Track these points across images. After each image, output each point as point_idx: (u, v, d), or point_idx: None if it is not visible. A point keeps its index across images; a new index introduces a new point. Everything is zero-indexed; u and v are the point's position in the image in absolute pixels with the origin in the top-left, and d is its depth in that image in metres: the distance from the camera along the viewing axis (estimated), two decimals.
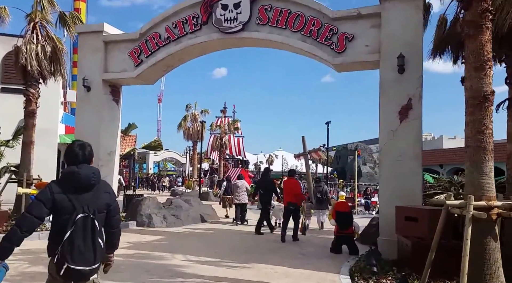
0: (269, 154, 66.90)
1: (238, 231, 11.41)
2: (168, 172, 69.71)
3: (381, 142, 8.25)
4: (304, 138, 20.43)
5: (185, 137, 34.77)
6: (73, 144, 3.00)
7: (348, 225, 8.33)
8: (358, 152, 42.04)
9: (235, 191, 13.11)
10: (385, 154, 8.17)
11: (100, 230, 2.86)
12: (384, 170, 8.15)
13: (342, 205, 8.64)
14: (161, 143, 13.80)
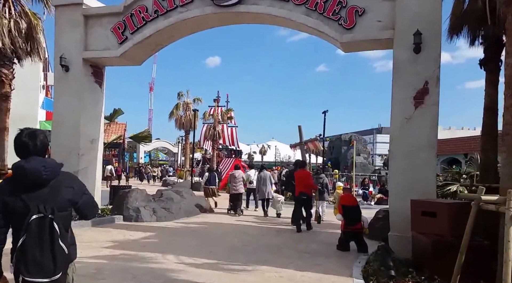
0: (262, 144, 66.12)
1: (234, 225, 10.56)
2: (160, 162, 68.73)
3: (393, 130, 7.44)
4: (301, 128, 19.66)
5: (177, 126, 33.60)
6: (21, 133, 2.54)
7: (356, 220, 7.53)
8: (352, 142, 41.60)
9: (232, 181, 12.86)
10: (397, 143, 7.37)
11: (62, 232, 2.41)
12: (396, 160, 7.35)
13: (349, 198, 7.81)
14: (150, 134, 12.83)
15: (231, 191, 13.02)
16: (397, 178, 7.30)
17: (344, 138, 41.94)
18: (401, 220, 7.09)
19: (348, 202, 7.67)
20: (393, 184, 7.37)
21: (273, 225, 10.76)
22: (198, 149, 50.82)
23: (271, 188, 12.90)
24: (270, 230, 9.82)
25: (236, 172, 13.07)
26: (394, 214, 7.31)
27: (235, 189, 12.77)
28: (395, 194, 7.33)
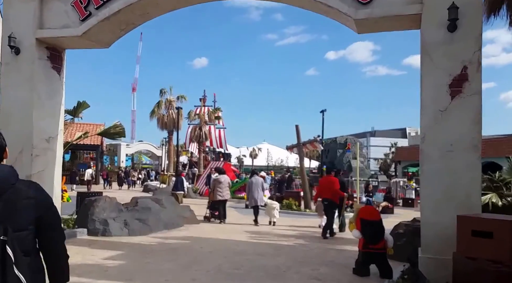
0: (252, 147, 64.54)
1: (223, 240, 8.85)
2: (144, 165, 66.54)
3: (425, 126, 5.89)
4: (298, 128, 18.01)
5: (159, 126, 31.65)
6: None
7: (378, 238, 5.92)
8: (348, 145, 40.24)
9: (217, 186, 11.91)
10: (431, 142, 5.82)
11: (19, 258, 1.90)
12: (430, 163, 5.78)
13: (370, 211, 6.19)
14: (122, 128, 11.02)
15: (215, 197, 11.89)
16: (431, 186, 5.72)
17: (339, 141, 40.65)
18: (437, 239, 5.61)
19: (369, 215, 6.04)
20: (426, 194, 5.78)
21: (270, 239, 9.07)
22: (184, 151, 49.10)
23: (263, 194, 12.06)
24: (268, 246, 8.13)
25: (222, 176, 12.13)
26: (427, 231, 5.75)
27: (220, 195, 11.79)
28: (428, 206, 5.75)
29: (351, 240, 9.08)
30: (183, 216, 11.59)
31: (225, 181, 12.00)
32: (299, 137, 16.88)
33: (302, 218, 14.28)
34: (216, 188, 11.90)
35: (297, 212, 15.69)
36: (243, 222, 12.48)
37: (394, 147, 61.28)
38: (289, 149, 17.65)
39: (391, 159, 61.94)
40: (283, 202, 16.72)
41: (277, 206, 12.06)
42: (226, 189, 11.96)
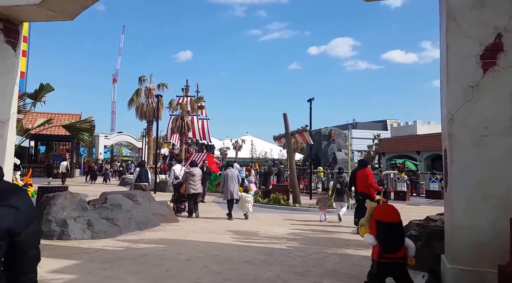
0: (236, 139, 63.23)
1: (204, 243, 7.57)
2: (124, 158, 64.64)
3: (452, 106, 4.69)
4: (287, 116, 16.75)
5: (138, 116, 29.86)
6: None
7: (398, 245, 4.72)
8: (333, 137, 39.35)
9: (189, 179, 11.43)
10: (460, 125, 4.64)
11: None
12: (460, 152, 4.61)
13: (388, 211, 4.95)
14: (92, 125, 9.53)
15: (187, 190, 11.41)
16: (462, 180, 4.56)
17: (324, 133, 39.68)
18: (471, 246, 4.48)
19: (387, 216, 4.81)
20: (456, 189, 4.61)
21: (259, 242, 7.85)
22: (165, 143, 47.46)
23: (238, 187, 11.59)
24: (257, 251, 6.90)
25: (195, 169, 11.70)
26: (458, 236, 4.61)
27: (193, 188, 11.37)
28: (459, 204, 4.59)
29: (352, 240, 7.94)
30: (159, 213, 10.28)
31: (198, 174, 11.61)
32: (288, 127, 15.65)
33: (291, 213, 13.14)
34: (188, 181, 11.38)
35: (286, 207, 14.53)
36: (226, 218, 11.25)
37: (378, 139, 60.87)
38: (277, 139, 16.42)
39: (374, 151, 61.59)
40: (270, 196, 15.55)
41: (251, 199, 11.73)
42: (199, 182, 11.61)
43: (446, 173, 4.96)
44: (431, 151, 41.58)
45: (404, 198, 20.97)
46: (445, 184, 5.10)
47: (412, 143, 44.80)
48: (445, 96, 4.79)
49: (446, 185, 5.00)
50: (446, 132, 4.78)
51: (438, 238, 5.62)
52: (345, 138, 42.90)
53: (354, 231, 9.26)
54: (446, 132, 4.78)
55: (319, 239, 8.15)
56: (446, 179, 5.05)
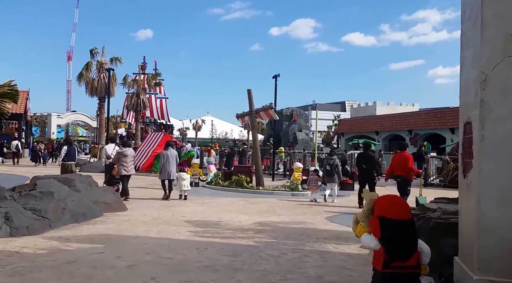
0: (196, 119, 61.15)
1: (154, 240, 6.17)
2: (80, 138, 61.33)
3: (487, 63, 3.43)
4: (251, 93, 15.36)
5: (87, 92, 27.24)
6: None
7: (409, 250, 3.58)
8: (294, 117, 38.64)
9: (121, 160, 10.63)
10: (496, 89, 3.43)
11: None
12: (493, 126, 3.43)
13: (395, 204, 3.76)
14: (14, 89, 7.78)
15: (119, 171, 10.63)
16: (497, 162, 3.43)
17: (285, 113, 38.90)
18: (506, 251, 3.37)
19: (395, 211, 3.62)
20: (487, 175, 3.47)
21: (222, 236, 6.54)
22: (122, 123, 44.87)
23: (175, 168, 11.27)
24: (220, 250, 5.60)
25: (127, 149, 10.91)
26: (487, 237, 3.49)
27: (125, 169, 10.61)
28: (489, 194, 3.46)
29: (329, 231, 6.82)
30: (103, 201, 8.74)
31: (131, 155, 10.94)
32: (252, 104, 14.31)
33: (255, 197, 11.99)
34: (120, 162, 10.61)
35: (249, 191, 13.35)
36: (184, 205, 9.89)
37: (338, 119, 61.08)
38: (240, 118, 15.07)
39: (334, 131, 61.87)
40: (232, 178, 14.29)
41: (188, 177, 11.37)
42: (131, 163, 10.90)
43: (466, 153, 3.85)
44: (389, 131, 41.93)
45: None
46: (462, 167, 4.00)
47: (371, 123, 45.01)
48: (474, 52, 3.60)
49: (465, 169, 3.90)
50: (472, 100, 3.63)
51: (445, 233, 4.57)
52: (306, 118, 42.43)
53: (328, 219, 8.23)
54: (473, 99, 3.62)
55: (291, 231, 6.98)
56: (464, 161, 3.96)
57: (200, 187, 14.45)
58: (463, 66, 4.00)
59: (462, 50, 4.00)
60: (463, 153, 4.01)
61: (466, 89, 3.89)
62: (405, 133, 39.27)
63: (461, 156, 4.06)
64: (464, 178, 3.90)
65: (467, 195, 3.81)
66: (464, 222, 3.91)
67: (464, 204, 3.92)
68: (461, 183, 4.02)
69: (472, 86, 3.69)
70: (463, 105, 4.03)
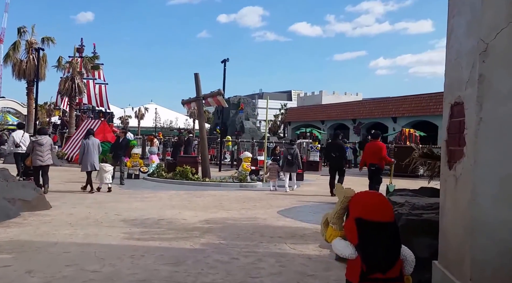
0: (138, 107, 58.45)
1: (79, 247, 5.10)
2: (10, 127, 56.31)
3: (488, 30, 2.75)
4: (198, 77, 14.27)
5: (14, 75, 24.43)
6: None
7: (391, 259, 2.93)
8: (241, 106, 38.01)
9: (36, 149, 9.66)
10: (499, 61, 2.78)
11: None
12: (493, 106, 2.78)
13: (375, 204, 3.09)
14: None
15: (34, 162, 9.62)
16: (496, 149, 2.83)
17: (232, 101, 38.17)
18: (507, 256, 2.81)
19: (376, 212, 2.95)
20: (483, 164, 2.83)
21: (162, 238, 5.61)
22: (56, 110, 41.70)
23: (97, 158, 10.52)
24: (158, 256, 4.68)
25: (43, 137, 9.89)
26: (483, 238, 2.89)
27: (41, 159, 9.61)
28: (486, 188, 2.85)
29: (282, 228, 6.13)
30: (21, 199, 7.42)
31: (47, 143, 9.92)
32: (199, 89, 13.27)
33: (201, 189, 11.10)
34: (35, 151, 9.63)
35: (195, 183, 12.42)
36: (121, 201, 8.77)
37: (284, 108, 61.38)
38: (186, 104, 13.97)
39: (280, 120, 62.14)
40: (176, 169, 13.24)
41: (111, 169, 10.64)
42: (48, 152, 9.92)
43: (454, 140, 3.27)
44: (334, 120, 42.66)
45: (316, 168, 20.27)
46: (447, 156, 3.42)
47: (317, 112, 45.54)
48: (472, 17, 2.96)
49: (451, 158, 3.31)
50: (466, 75, 3.02)
51: (419, 232, 4.03)
52: (253, 107, 41.94)
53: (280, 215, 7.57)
54: (467, 75, 3.01)
55: (242, 229, 6.21)
56: (450, 149, 3.38)
57: (141, 180, 13.27)
58: (452, 36, 3.40)
59: (450, 17, 3.39)
60: (448, 139, 3.43)
61: (456, 64, 3.28)
62: (349, 123, 40.08)
63: (446, 143, 3.48)
64: (450, 169, 3.31)
65: (454, 189, 3.22)
66: (449, 221, 3.33)
67: (449, 199, 3.35)
68: (445, 174, 3.44)
69: (465, 59, 3.08)
70: (450, 83, 3.44)
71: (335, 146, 10.98)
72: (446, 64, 3.59)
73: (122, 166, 12.51)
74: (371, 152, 9.65)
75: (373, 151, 9.56)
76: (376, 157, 9.39)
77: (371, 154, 9.60)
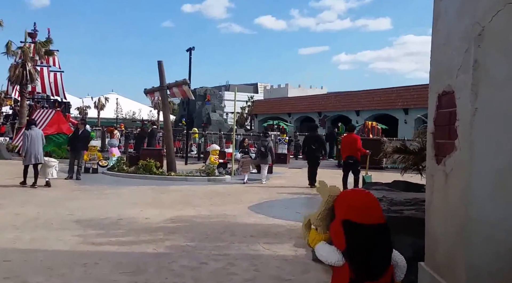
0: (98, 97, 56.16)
1: (20, 254, 4.48)
2: None
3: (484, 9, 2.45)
4: (162, 65, 13.54)
5: None
6: None
7: (383, 265, 2.62)
8: (208, 97, 37.32)
9: None
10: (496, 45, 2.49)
11: None
12: (490, 94, 2.48)
13: (364, 205, 2.80)
14: None
15: None
16: (490, 141, 2.57)
17: (198, 93, 37.46)
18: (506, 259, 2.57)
19: (366, 214, 2.65)
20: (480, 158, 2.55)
21: (120, 241, 5.08)
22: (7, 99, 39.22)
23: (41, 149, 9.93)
24: (116, 263, 4.18)
25: None
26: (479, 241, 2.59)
27: None
28: (482, 184, 2.56)
29: (254, 225, 5.76)
30: None
31: None
32: (163, 78, 12.60)
33: (166, 185, 10.53)
34: None
35: (159, 177, 11.83)
36: (76, 199, 8.08)
37: (251, 101, 61.06)
38: (149, 94, 13.26)
39: (247, 113, 61.82)
40: (139, 163, 12.57)
41: (56, 164, 10.25)
42: None
43: (443, 132, 2.99)
44: (300, 112, 42.82)
45: (285, 160, 20.07)
46: (434, 150, 3.15)
47: (284, 105, 45.56)
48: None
49: (440, 152, 3.05)
50: (458, 61, 2.72)
51: (400, 230, 3.77)
52: (220, 99, 41.34)
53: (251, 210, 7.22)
54: (459, 60, 2.70)
55: (211, 227, 5.79)
56: (437, 142, 3.11)
57: (99, 174, 12.49)
58: (439, 20, 3.11)
59: None
60: (435, 131, 3.16)
61: (444, 49, 2.99)
62: (315, 115, 40.32)
63: (432, 136, 3.21)
64: (438, 164, 3.04)
65: (444, 185, 2.95)
66: (438, 219, 3.06)
67: (438, 196, 3.08)
68: (432, 169, 3.18)
69: (457, 44, 2.79)
70: (437, 70, 3.16)
71: (314, 138, 11.18)
72: (432, 50, 3.31)
73: (81, 160, 11.77)
74: (347, 144, 9.86)
75: (349, 144, 9.78)
76: (352, 149, 9.62)
77: (347, 147, 9.81)
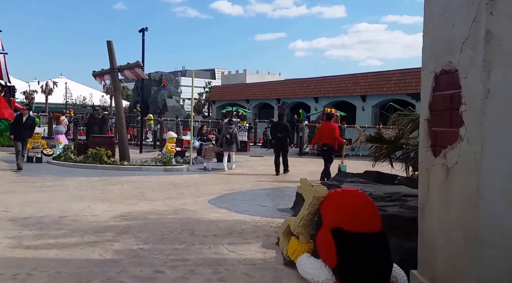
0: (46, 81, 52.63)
1: None
2: None
3: None
4: (112, 45, 12.47)
5: None
6: None
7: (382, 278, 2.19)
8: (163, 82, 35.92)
9: None
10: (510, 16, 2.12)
11: None
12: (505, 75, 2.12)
13: (358, 208, 2.32)
14: None
15: None
16: (503, 133, 2.19)
17: (154, 77, 36.00)
18: None
19: (360, 220, 2.18)
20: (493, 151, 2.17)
21: (61, 245, 4.35)
22: None
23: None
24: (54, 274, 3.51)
25: None
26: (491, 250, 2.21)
27: None
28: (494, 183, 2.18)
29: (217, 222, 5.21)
30: None
31: None
32: (114, 59, 11.59)
33: (118, 175, 9.71)
34: None
35: (111, 167, 10.95)
36: (13, 191, 7.13)
37: (209, 87, 59.82)
38: (98, 77, 12.19)
39: (205, 99, 60.60)
40: (88, 151, 11.58)
41: None
42: None
43: (442, 119, 2.59)
44: (259, 99, 42.36)
45: (245, 148, 19.56)
46: (430, 140, 2.75)
47: (242, 91, 44.88)
48: None
49: (437, 143, 2.65)
50: (463, 33, 2.27)
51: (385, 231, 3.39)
52: (176, 84, 39.94)
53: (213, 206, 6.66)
54: (464, 32, 2.26)
55: (167, 226, 5.17)
56: (433, 130, 2.70)
57: (44, 164, 11.39)
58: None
59: None
60: (431, 118, 2.75)
61: (443, 21, 2.56)
62: (273, 102, 40.02)
63: (427, 123, 2.80)
64: (436, 156, 2.64)
65: (444, 182, 2.55)
66: (437, 222, 2.64)
67: (436, 195, 2.67)
68: (427, 163, 2.77)
69: (460, 13, 2.36)
70: (433, 46, 2.72)
71: (281, 126, 11.18)
72: (425, 23, 2.88)
73: (25, 149, 10.68)
74: (325, 132, 10.07)
75: (326, 131, 10.00)
76: (329, 137, 9.83)
77: (325, 135, 10.03)
